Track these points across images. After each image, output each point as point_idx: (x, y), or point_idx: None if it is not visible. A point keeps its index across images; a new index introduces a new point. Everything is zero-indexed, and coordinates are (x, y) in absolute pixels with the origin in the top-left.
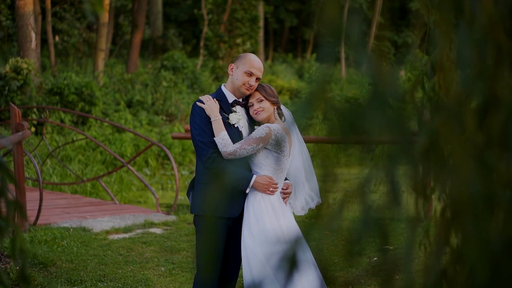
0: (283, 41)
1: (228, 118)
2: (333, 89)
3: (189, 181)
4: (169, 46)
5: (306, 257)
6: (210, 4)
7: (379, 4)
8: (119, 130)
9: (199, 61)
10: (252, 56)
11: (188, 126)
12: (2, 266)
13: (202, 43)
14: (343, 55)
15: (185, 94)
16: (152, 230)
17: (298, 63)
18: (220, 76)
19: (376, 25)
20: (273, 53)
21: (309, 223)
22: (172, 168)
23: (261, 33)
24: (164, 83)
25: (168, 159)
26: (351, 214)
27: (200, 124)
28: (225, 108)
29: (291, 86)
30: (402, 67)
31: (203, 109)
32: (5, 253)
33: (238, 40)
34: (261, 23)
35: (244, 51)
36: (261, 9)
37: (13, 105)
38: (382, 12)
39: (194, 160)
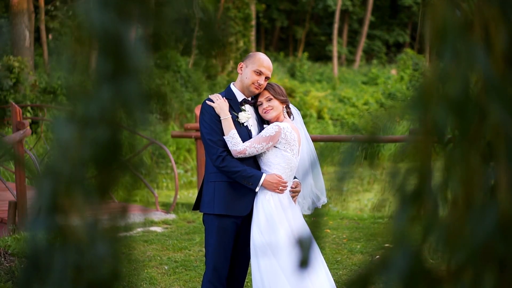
0: (274, 40)
1: (237, 117)
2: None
3: (184, 179)
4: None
5: (316, 257)
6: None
7: (370, 2)
8: None
9: (191, 59)
10: (262, 55)
11: (188, 125)
12: (7, 264)
13: (194, 42)
14: (335, 53)
15: (179, 92)
16: (153, 228)
17: (290, 62)
18: (212, 74)
19: (368, 23)
20: (264, 52)
21: (407, 225)
22: (167, 167)
23: (253, 32)
24: (157, 81)
25: (163, 157)
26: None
27: (210, 123)
28: (235, 106)
29: (284, 85)
30: (394, 66)
31: (212, 108)
32: (9, 251)
33: (231, 39)
34: (253, 22)
35: (237, 50)
36: (253, 8)
37: (13, 103)
38: (373, 11)
39: (189, 158)
